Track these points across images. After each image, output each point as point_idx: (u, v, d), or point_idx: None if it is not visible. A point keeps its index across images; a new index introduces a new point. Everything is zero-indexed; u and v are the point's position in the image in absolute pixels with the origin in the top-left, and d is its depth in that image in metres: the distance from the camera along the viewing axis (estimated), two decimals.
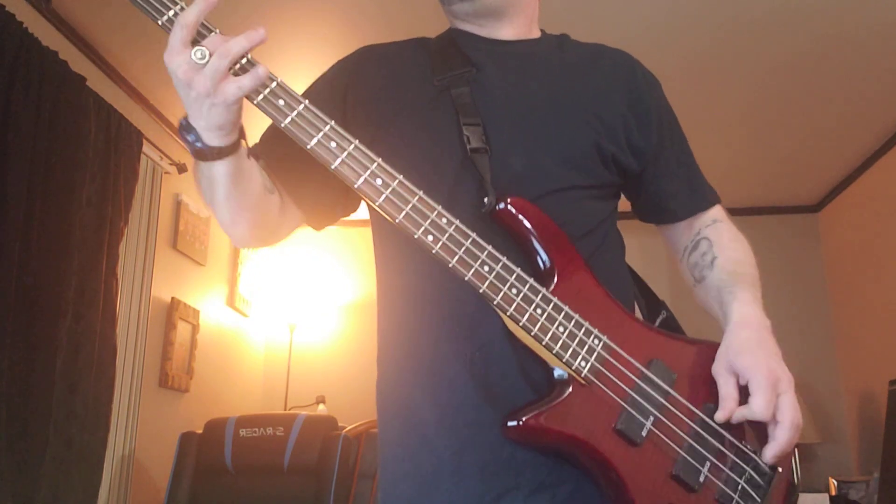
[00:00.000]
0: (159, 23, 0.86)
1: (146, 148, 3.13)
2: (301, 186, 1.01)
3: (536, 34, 1.11)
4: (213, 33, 0.82)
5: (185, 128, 0.86)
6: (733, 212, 4.28)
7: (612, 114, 1.01)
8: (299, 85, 3.34)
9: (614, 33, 2.74)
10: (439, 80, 0.98)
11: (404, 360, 0.95)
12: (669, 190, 1.08)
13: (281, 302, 4.49)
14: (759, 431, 0.90)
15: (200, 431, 3.02)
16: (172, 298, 3.51)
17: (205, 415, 3.25)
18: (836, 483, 3.35)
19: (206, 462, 2.93)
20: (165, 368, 3.43)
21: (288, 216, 1.03)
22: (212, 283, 3.98)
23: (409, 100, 1.00)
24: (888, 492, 2.96)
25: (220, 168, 0.88)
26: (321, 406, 4.24)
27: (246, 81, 0.80)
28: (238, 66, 0.81)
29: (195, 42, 0.82)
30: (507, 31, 1.06)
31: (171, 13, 0.85)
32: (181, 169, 3.46)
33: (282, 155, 0.97)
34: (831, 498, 3.29)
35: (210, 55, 0.80)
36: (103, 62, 2.93)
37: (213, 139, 0.85)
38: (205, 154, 0.87)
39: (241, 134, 0.88)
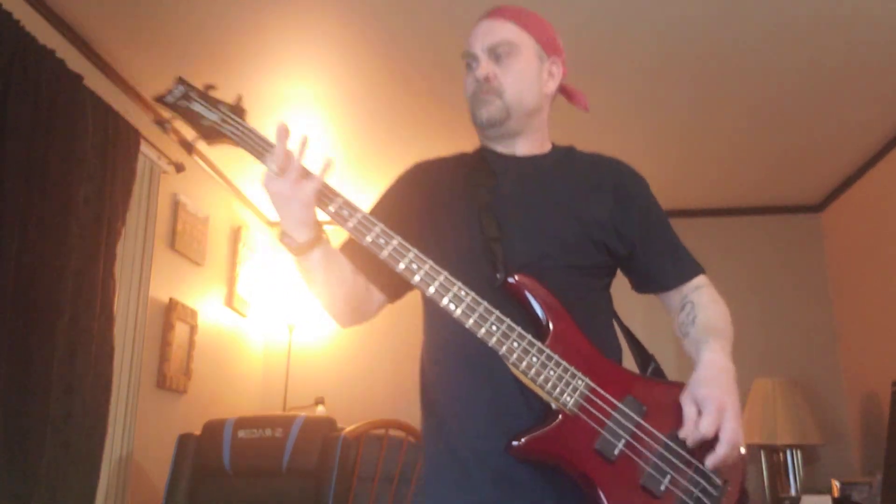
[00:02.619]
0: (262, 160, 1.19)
1: (144, 147, 3.11)
2: (371, 270, 1.32)
3: (547, 148, 1.41)
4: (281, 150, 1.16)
5: (283, 235, 1.21)
6: (736, 211, 4.26)
7: (602, 210, 1.31)
8: (300, 83, 3.30)
9: (622, 33, 2.72)
10: (471, 188, 1.32)
11: (440, 391, 1.28)
12: (657, 267, 1.36)
13: (280, 302, 4.48)
14: (702, 451, 1.13)
15: (198, 433, 3.01)
16: (170, 299, 3.49)
17: (203, 416, 3.23)
18: (838, 484, 3.34)
19: (205, 464, 2.92)
20: (163, 369, 3.41)
21: (372, 293, 1.35)
22: (210, 284, 3.96)
23: (447, 203, 1.33)
24: (891, 493, 2.95)
25: (313, 256, 1.21)
26: (320, 407, 4.23)
27: (313, 182, 1.17)
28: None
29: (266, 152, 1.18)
30: (522, 148, 1.38)
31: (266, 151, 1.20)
32: (179, 168, 3.44)
33: (357, 249, 1.28)
34: (834, 499, 3.28)
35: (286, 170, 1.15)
36: (100, 60, 2.91)
37: (301, 234, 1.19)
38: (300, 248, 1.20)
39: (322, 230, 1.22)
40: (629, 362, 1.30)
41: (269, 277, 4.65)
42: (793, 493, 3.71)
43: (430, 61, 2.94)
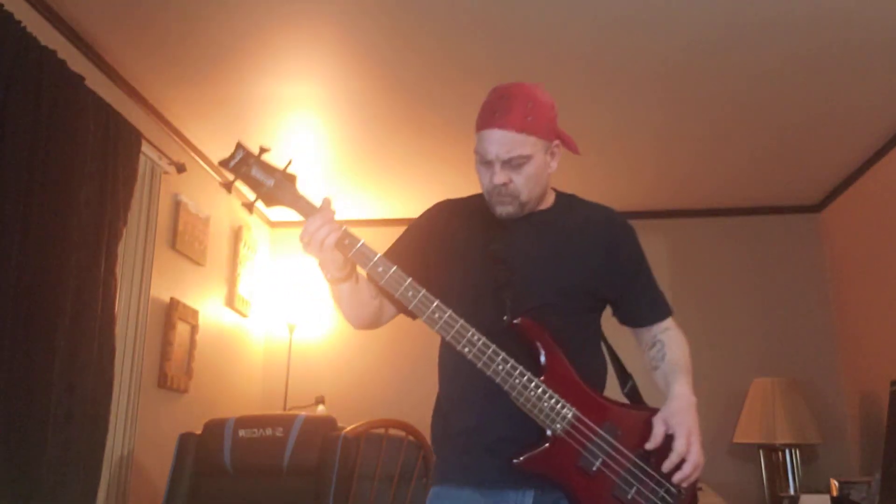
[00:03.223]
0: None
1: (145, 148, 3.12)
2: (392, 298, 1.52)
3: (551, 200, 1.62)
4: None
5: (320, 269, 1.46)
6: (735, 211, 4.28)
7: (595, 261, 1.55)
8: (299, 85, 3.30)
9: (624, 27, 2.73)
10: (484, 240, 1.54)
11: (457, 418, 1.52)
12: (636, 308, 1.63)
13: (280, 302, 4.48)
14: (671, 468, 1.41)
15: (199, 432, 3.01)
16: (171, 299, 3.50)
17: (204, 415, 3.24)
18: (837, 484, 3.34)
19: (205, 463, 2.92)
20: (164, 369, 3.42)
21: (384, 311, 1.60)
22: (211, 284, 3.97)
23: (463, 252, 1.56)
24: (890, 492, 2.95)
25: (343, 287, 1.48)
26: (321, 406, 4.23)
27: (332, 237, 1.37)
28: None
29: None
30: (531, 209, 1.57)
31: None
32: (180, 169, 3.45)
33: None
34: (833, 499, 3.28)
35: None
36: (102, 61, 2.92)
37: (334, 274, 1.44)
38: (333, 281, 1.46)
39: (354, 270, 1.46)
40: (613, 378, 1.60)
41: (270, 277, 4.66)
42: (791, 492, 3.72)
43: (430, 64, 2.95)
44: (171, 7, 2.61)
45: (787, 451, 3.82)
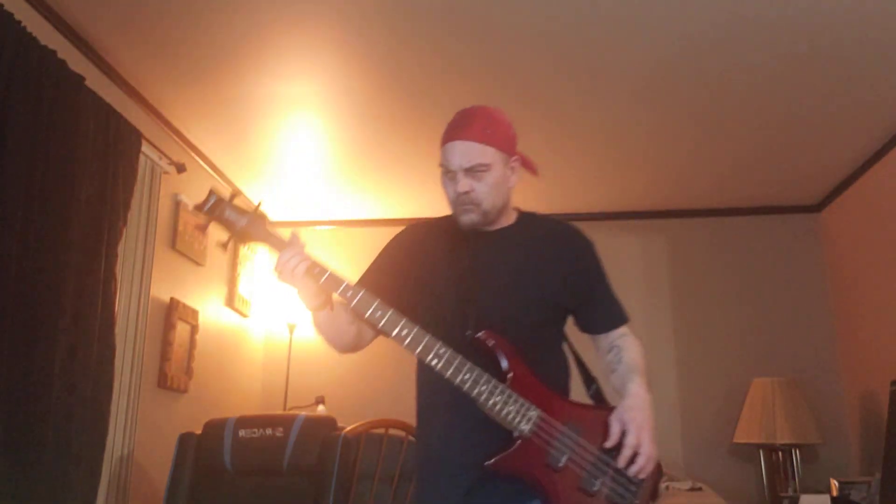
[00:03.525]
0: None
1: (145, 148, 3.12)
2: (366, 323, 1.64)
3: (513, 218, 1.72)
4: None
5: (300, 300, 1.58)
6: (735, 211, 4.28)
7: (557, 274, 1.66)
8: (299, 86, 3.30)
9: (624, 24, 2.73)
10: (451, 258, 1.65)
11: (432, 424, 1.65)
12: (596, 316, 1.73)
13: (280, 302, 4.49)
14: (626, 461, 1.51)
15: (199, 432, 3.01)
16: (171, 299, 3.50)
17: (204, 415, 3.24)
18: (837, 484, 3.35)
19: (206, 463, 2.93)
20: (164, 369, 3.42)
21: (363, 335, 1.71)
22: (211, 284, 3.97)
23: (432, 269, 1.67)
24: (890, 492, 2.96)
25: (321, 315, 1.60)
26: (321, 406, 4.24)
27: (302, 266, 1.50)
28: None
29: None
30: (493, 225, 1.68)
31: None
32: (180, 169, 3.45)
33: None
34: (833, 499, 3.29)
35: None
36: (102, 61, 2.92)
37: (311, 302, 1.57)
38: (313, 309, 1.59)
39: (330, 300, 1.59)
40: (577, 381, 1.70)
41: (270, 277, 4.66)
42: (791, 492, 3.72)
43: (430, 65, 2.95)
44: (171, 7, 2.61)
45: (787, 451, 3.82)
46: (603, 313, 1.74)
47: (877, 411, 3.65)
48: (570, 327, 1.73)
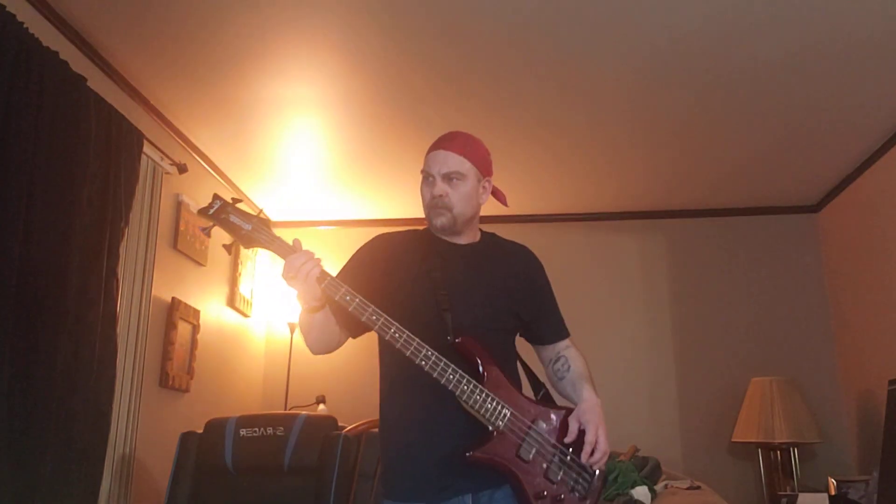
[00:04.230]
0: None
1: (147, 148, 3.13)
2: (350, 325, 1.81)
3: (478, 237, 1.91)
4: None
5: (299, 300, 1.70)
6: (733, 212, 4.29)
7: (518, 288, 1.86)
8: (300, 87, 3.31)
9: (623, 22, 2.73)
10: (425, 267, 1.79)
11: (404, 418, 1.76)
12: (543, 329, 1.94)
13: (281, 301, 4.50)
14: (585, 456, 1.71)
15: (201, 431, 3.03)
16: (173, 298, 3.51)
17: (205, 414, 3.25)
18: (835, 483, 3.36)
19: (207, 462, 2.94)
20: (166, 368, 3.44)
21: (340, 338, 1.85)
22: (212, 283, 3.99)
23: (408, 278, 1.79)
24: (888, 491, 2.97)
25: (317, 316, 1.72)
26: (321, 406, 4.25)
27: (316, 270, 1.63)
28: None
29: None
30: (462, 240, 1.87)
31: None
32: (181, 169, 3.46)
33: (340, 311, 1.74)
34: (830, 497, 3.30)
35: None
36: (104, 62, 2.94)
37: (312, 303, 1.68)
38: (310, 310, 1.70)
39: (324, 304, 1.70)
40: (527, 387, 1.85)
41: (271, 277, 4.67)
42: (789, 490, 3.73)
43: (430, 67, 2.96)
44: (173, 9, 2.62)
45: (785, 450, 3.83)
46: (552, 326, 1.95)
47: (874, 410, 3.67)
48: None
